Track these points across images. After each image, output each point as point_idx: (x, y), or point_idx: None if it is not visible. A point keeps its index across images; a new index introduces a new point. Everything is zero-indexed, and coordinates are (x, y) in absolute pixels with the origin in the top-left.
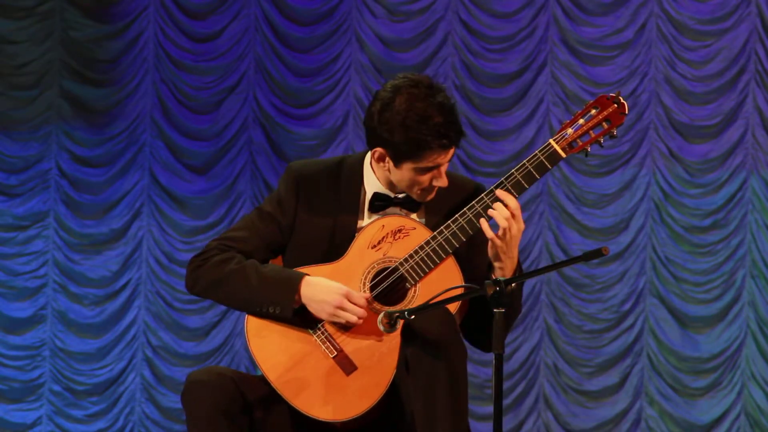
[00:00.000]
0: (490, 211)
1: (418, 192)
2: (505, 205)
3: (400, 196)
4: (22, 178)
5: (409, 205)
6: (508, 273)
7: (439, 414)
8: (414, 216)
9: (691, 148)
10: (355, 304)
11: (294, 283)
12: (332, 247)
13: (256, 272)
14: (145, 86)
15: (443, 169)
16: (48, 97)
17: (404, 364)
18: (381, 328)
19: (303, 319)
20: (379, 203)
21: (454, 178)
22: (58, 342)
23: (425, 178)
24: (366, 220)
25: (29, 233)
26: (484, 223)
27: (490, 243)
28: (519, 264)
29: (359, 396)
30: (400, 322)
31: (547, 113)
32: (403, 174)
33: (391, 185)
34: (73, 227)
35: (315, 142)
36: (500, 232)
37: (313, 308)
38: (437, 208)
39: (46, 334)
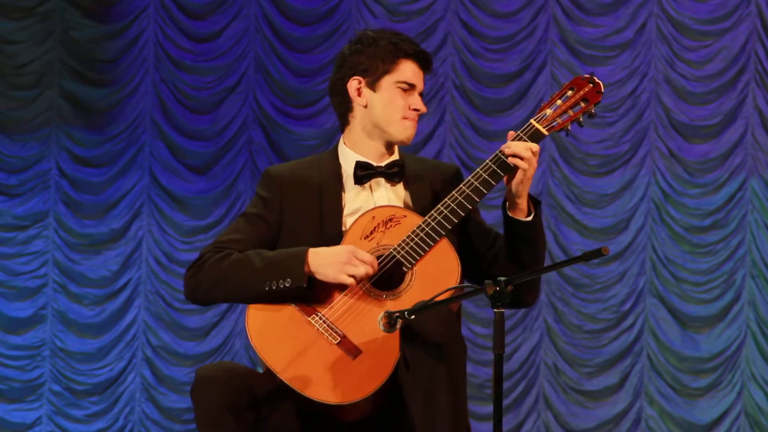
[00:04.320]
0: (511, 148)
1: (399, 122)
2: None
3: (383, 164)
4: (22, 178)
5: (391, 174)
6: (524, 204)
7: (439, 413)
8: (400, 186)
9: (690, 148)
10: (361, 260)
11: (301, 255)
12: (323, 237)
13: (258, 256)
14: (145, 86)
15: (419, 96)
16: (48, 97)
17: (404, 363)
18: (381, 328)
19: (303, 308)
20: (362, 173)
21: (435, 162)
22: (58, 342)
23: (404, 102)
24: (349, 193)
25: (29, 233)
26: (511, 160)
27: (513, 182)
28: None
29: (367, 378)
30: (400, 322)
31: None
32: (382, 96)
33: (371, 151)
34: (73, 227)
35: (315, 142)
36: (524, 165)
37: (321, 273)
38: (420, 191)
39: (46, 334)
